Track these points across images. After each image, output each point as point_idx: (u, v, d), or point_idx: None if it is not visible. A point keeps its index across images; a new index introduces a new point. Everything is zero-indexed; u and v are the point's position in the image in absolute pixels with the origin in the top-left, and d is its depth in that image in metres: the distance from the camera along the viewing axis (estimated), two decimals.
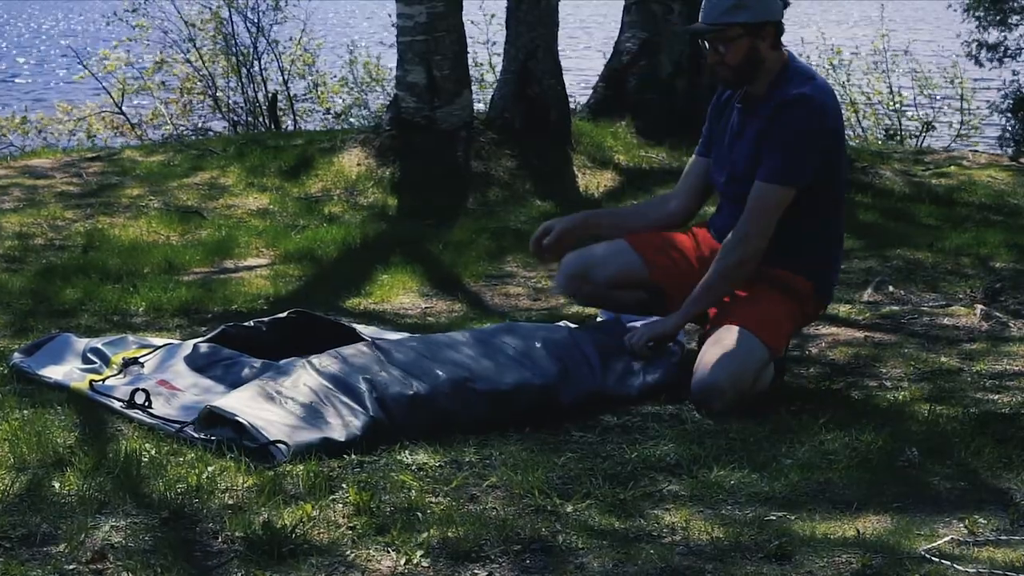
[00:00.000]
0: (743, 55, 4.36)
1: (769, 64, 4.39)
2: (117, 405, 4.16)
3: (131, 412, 4.09)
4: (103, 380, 4.37)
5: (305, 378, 4.04)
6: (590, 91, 10.23)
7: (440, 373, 4.10)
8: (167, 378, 4.35)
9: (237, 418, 3.82)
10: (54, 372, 4.49)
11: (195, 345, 4.56)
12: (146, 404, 4.11)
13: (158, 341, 4.77)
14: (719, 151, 4.57)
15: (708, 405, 4.19)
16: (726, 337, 4.28)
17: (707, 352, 4.29)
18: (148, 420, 4.04)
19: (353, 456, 3.77)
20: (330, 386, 4.01)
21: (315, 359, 4.14)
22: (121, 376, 4.41)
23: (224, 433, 3.83)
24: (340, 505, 3.41)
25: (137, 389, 4.17)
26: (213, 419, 3.89)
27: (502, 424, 4.04)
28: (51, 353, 4.62)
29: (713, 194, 4.72)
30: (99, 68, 14.68)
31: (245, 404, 3.91)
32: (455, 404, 4.03)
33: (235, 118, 14.08)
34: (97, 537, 3.20)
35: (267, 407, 3.91)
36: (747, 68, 4.38)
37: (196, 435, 3.87)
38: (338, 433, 3.86)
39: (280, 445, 3.75)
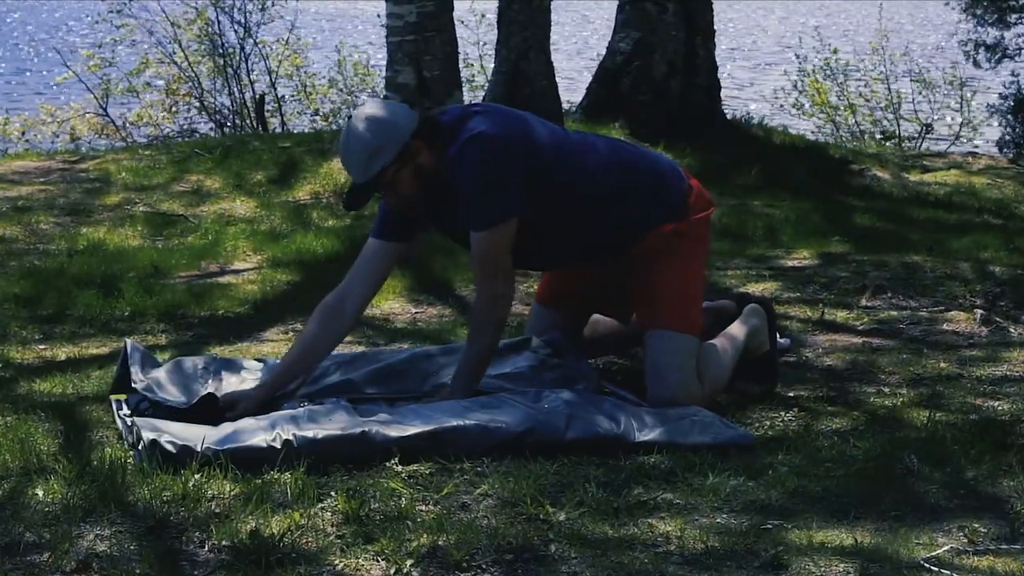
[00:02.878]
0: (411, 181, 4.21)
1: (435, 160, 4.21)
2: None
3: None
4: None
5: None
6: (583, 92, 10.21)
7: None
8: None
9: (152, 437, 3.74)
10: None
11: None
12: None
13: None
14: (454, 239, 4.49)
15: None
16: (653, 350, 4.31)
17: (647, 373, 4.33)
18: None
19: (341, 464, 3.72)
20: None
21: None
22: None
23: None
24: (328, 513, 3.38)
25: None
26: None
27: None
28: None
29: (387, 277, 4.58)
30: (82, 68, 14.62)
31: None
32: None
33: (221, 120, 14.05)
34: (81, 546, 3.16)
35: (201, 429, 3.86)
36: (427, 185, 4.22)
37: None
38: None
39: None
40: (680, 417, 4.06)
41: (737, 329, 4.57)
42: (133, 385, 4.23)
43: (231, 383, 4.35)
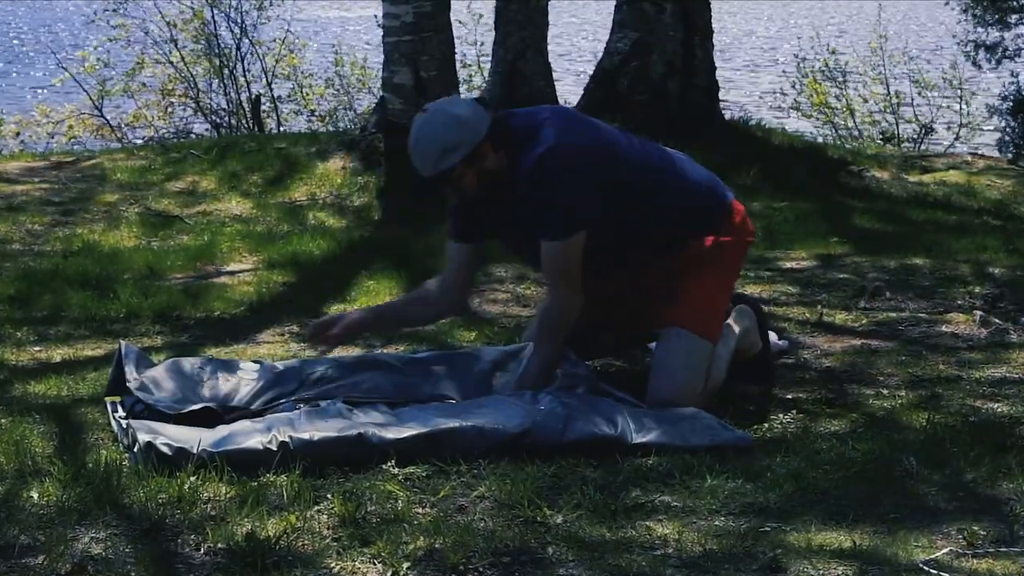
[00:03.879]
0: (477, 182, 4.24)
1: (500, 163, 4.24)
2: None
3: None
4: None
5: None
6: (581, 92, 10.19)
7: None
8: None
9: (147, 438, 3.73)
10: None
11: None
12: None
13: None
14: (505, 239, 4.51)
15: None
16: (667, 346, 4.30)
17: (655, 366, 4.32)
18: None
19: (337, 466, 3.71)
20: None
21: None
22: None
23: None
24: (325, 516, 3.36)
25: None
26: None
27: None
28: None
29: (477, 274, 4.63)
30: (78, 69, 14.60)
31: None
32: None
33: (217, 120, 14.03)
34: (77, 549, 3.15)
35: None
36: (489, 184, 4.25)
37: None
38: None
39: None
40: (678, 419, 4.05)
41: (728, 331, 4.56)
42: (127, 384, 4.21)
43: (228, 384, 4.33)
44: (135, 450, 3.75)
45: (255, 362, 4.58)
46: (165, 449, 3.68)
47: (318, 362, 4.49)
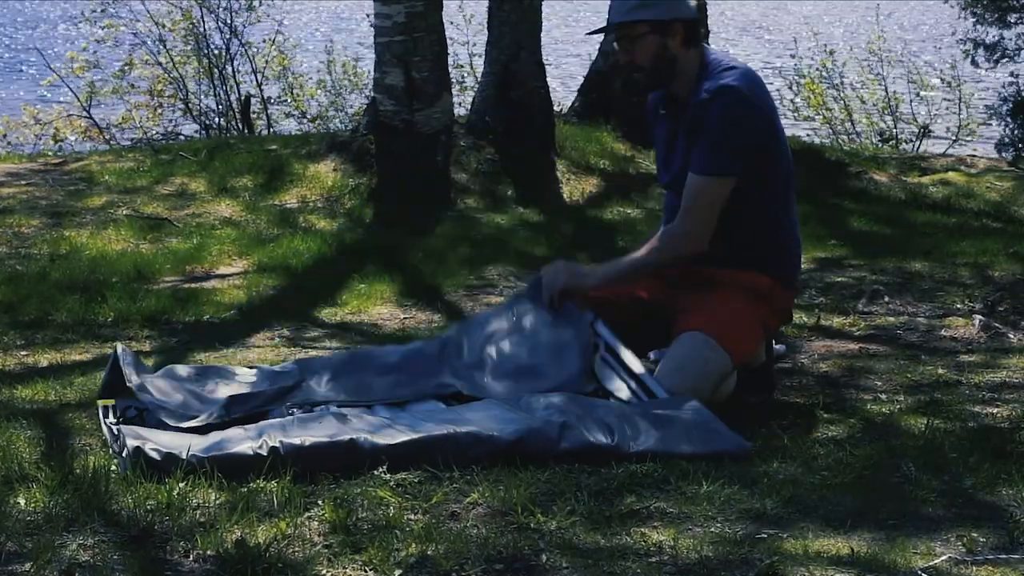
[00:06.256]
0: (652, 54, 4.33)
1: (683, 63, 4.36)
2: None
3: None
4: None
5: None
6: (575, 93, 10.17)
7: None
8: None
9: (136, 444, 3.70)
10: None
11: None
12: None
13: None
14: (661, 161, 4.56)
15: None
16: (686, 344, 4.25)
17: (667, 360, 4.27)
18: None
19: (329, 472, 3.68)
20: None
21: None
22: None
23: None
24: (315, 522, 3.33)
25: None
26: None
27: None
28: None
29: None
30: (67, 71, 14.56)
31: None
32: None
33: (207, 122, 14.00)
34: (64, 555, 3.11)
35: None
36: (659, 68, 4.36)
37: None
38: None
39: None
40: (674, 418, 3.98)
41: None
42: (128, 384, 4.17)
43: (224, 391, 4.30)
44: (123, 455, 3.72)
45: (250, 367, 4.55)
46: (154, 454, 3.64)
47: (311, 364, 4.46)
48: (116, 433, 3.86)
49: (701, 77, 4.32)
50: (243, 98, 13.87)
